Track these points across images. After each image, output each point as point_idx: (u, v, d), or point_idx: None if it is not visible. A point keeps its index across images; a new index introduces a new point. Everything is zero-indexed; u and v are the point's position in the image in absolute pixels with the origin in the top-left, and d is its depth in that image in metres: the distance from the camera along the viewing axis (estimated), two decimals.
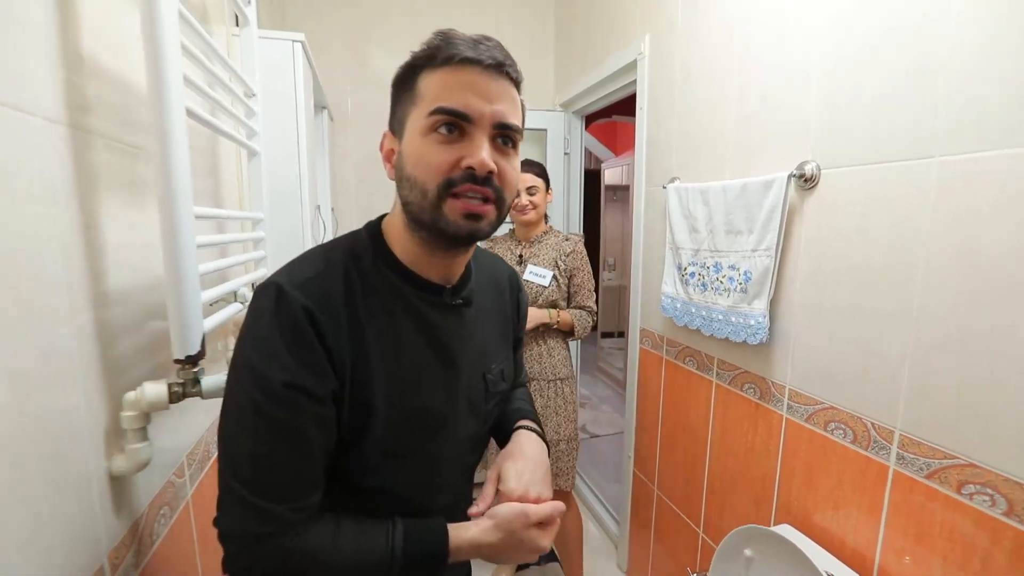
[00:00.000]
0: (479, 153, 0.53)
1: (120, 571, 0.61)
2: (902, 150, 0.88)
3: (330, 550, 0.54)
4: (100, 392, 0.60)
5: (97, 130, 0.62)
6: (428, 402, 0.62)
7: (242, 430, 0.52)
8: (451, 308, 0.64)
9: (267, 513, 0.51)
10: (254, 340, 0.53)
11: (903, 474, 0.91)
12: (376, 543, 0.56)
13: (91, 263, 0.60)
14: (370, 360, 0.56)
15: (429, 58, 0.55)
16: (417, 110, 0.55)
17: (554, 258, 1.70)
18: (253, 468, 0.52)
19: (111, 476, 0.60)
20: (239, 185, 1.24)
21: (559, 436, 1.69)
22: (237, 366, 0.53)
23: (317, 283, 0.55)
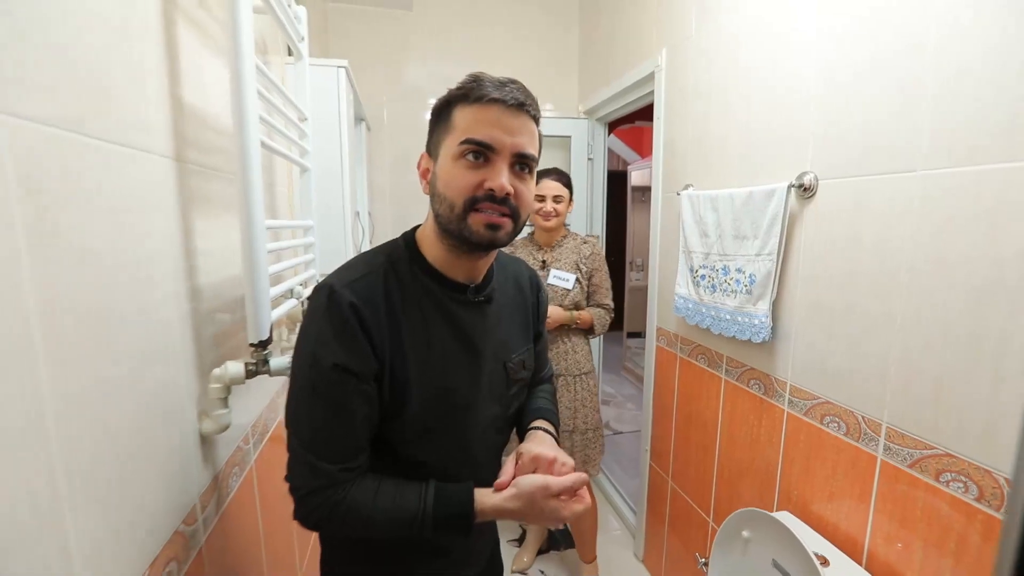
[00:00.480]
0: (499, 178, 0.64)
1: (206, 512, 0.77)
2: (889, 163, 0.96)
3: (370, 506, 0.66)
4: (194, 368, 0.75)
5: (190, 159, 0.78)
6: (453, 384, 0.72)
7: (302, 404, 0.65)
8: (474, 304, 0.74)
9: (320, 470, 0.64)
10: (311, 331, 0.64)
11: (889, 464, 0.98)
12: (409, 502, 0.67)
13: (188, 263, 0.75)
14: (405, 348, 0.67)
15: (463, 96, 0.66)
16: (450, 138, 0.66)
17: (575, 261, 1.80)
18: (311, 434, 0.65)
19: (201, 436, 0.76)
20: (289, 196, 1.40)
21: (587, 425, 1.81)
22: (298, 353, 0.65)
23: (362, 284, 0.66)
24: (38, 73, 0.46)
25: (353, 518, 0.65)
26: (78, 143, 0.51)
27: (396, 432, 0.69)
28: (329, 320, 0.63)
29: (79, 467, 0.49)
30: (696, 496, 1.67)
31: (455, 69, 2.53)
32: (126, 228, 0.59)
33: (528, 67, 2.60)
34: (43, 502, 0.44)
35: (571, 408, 1.80)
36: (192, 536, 0.71)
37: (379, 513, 0.66)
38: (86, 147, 0.52)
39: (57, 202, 0.47)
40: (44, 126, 0.46)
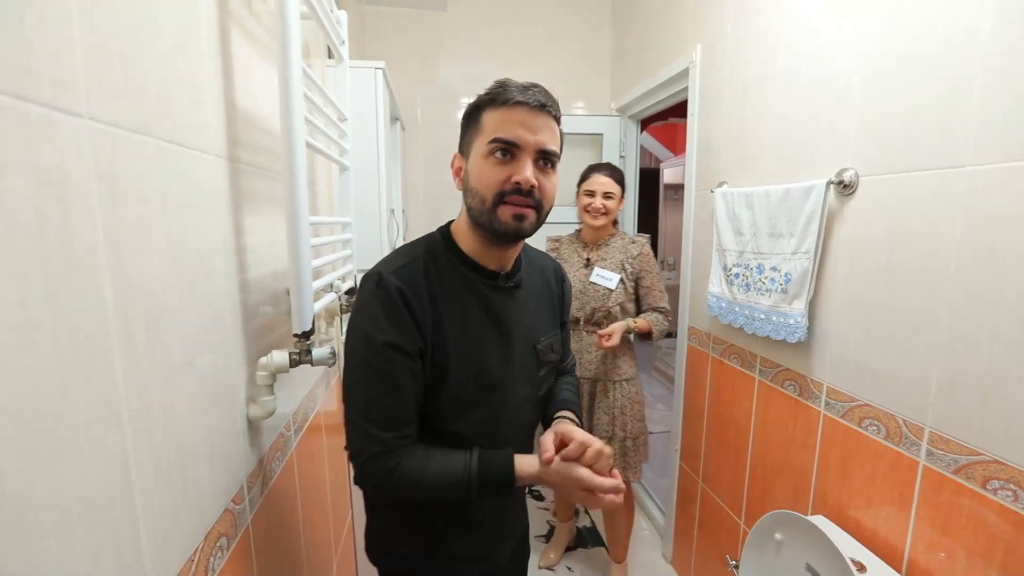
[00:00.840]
0: (524, 172, 0.70)
1: (252, 492, 0.81)
2: (934, 159, 0.93)
3: (420, 470, 0.73)
4: (243, 355, 0.79)
5: (241, 159, 0.82)
6: (488, 364, 0.78)
7: (358, 380, 0.72)
8: (505, 289, 0.81)
9: (376, 437, 0.71)
10: (363, 314, 0.72)
11: (932, 469, 0.95)
12: (456, 466, 0.74)
13: (238, 257, 0.79)
14: (445, 328, 0.74)
15: (491, 100, 0.72)
16: (480, 139, 0.73)
17: (620, 260, 1.72)
18: (366, 405, 0.72)
19: (248, 420, 0.80)
20: (329, 194, 1.46)
21: (625, 434, 1.74)
22: (352, 335, 0.72)
23: (406, 271, 0.74)
24: (112, 81, 0.50)
25: (406, 481, 0.73)
26: (146, 144, 0.55)
27: (436, 408, 0.76)
28: (380, 303, 0.71)
29: (147, 447, 0.53)
30: (727, 498, 1.64)
31: (488, 68, 2.56)
32: (186, 224, 0.63)
33: (560, 65, 2.61)
34: (116, 480, 0.48)
35: (609, 415, 1.74)
36: (240, 514, 0.76)
37: (429, 476, 0.73)
38: (152, 148, 0.56)
39: (128, 199, 0.52)
40: (118, 129, 0.50)
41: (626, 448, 1.75)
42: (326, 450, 1.37)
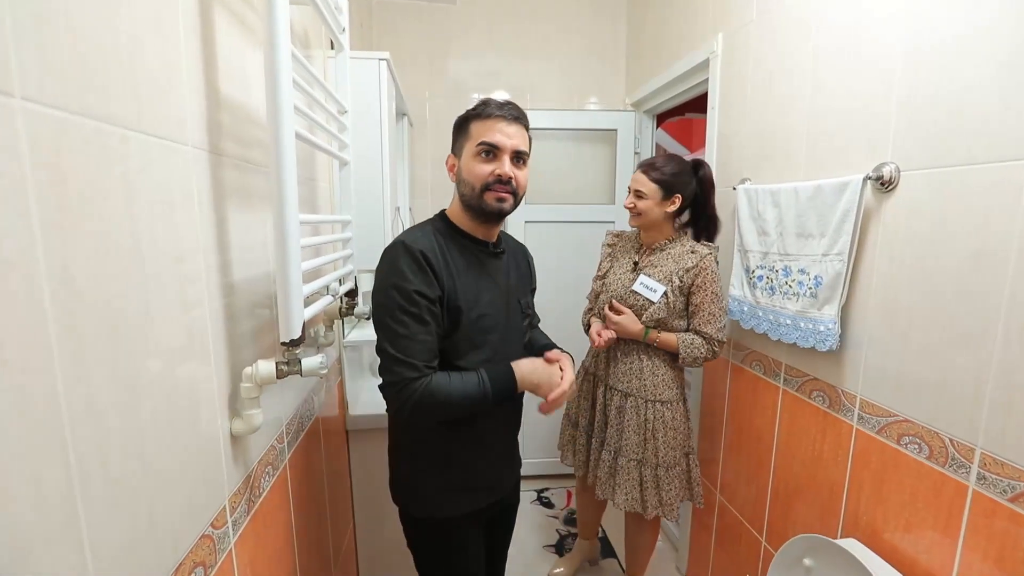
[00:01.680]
0: (504, 167, 0.97)
1: (237, 512, 0.75)
2: (990, 151, 0.83)
3: (448, 386, 0.92)
4: (226, 366, 0.73)
5: (226, 151, 0.76)
6: (486, 310, 1.01)
7: (395, 322, 0.90)
8: (493, 254, 1.07)
9: (412, 365, 0.90)
10: (392, 271, 0.91)
11: (984, 495, 0.86)
12: (473, 382, 0.95)
13: (222, 258, 0.73)
14: (456, 281, 0.96)
15: (477, 114, 0.98)
16: (470, 143, 0.98)
17: (671, 272, 1.47)
18: (405, 342, 0.90)
19: (232, 435, 0.74)
20: (330, 191, 1.39)
21: (658, 460, 1.51)
22: (383, 289, 0.92)
23: (423, 241, 0.95)
24: (59, 57, 0.43)
25: (437, 398, 0.91)
26: (105, 132, 0.49)
27: (452, 345, 0.98)
28: (406, 263, 0.91)
29: (99, 475, 0.47)
30: (747, 512, 1.55)
31: (499, 65, 2.49)
32: (156, 222, 0.57)
33: (574, 60, 2.52)
34: (55, 505, 0.42)
35: (640, 435, 1.51)
36: (221, 539, 0.69)
37: (455, 393, 0.93)
38: (114, 136, 0.50)
39: (79, 194, 0.45)
40: (65, 113, 0.44)
41: (659, 479, 1.51)
42: (326, 459, 1.31)
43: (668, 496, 1.52)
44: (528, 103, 2.50)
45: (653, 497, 1.52)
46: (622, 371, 1.56)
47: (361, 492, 1.64)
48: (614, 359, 1.59)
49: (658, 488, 1.52)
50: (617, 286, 1.56)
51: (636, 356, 1.54)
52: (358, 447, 1.61)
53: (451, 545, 1.09)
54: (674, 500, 1.53)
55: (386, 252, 0.95)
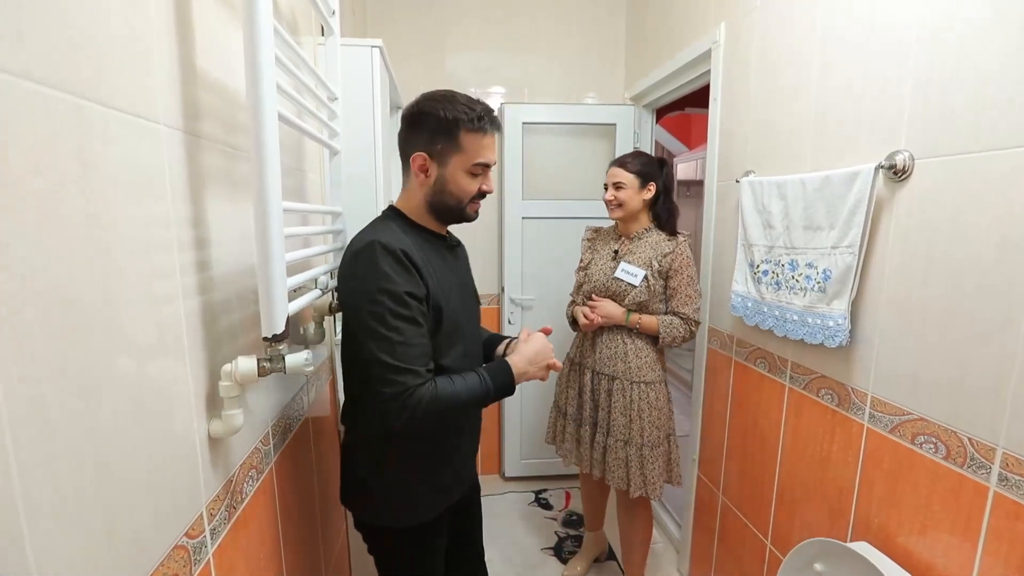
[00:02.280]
0: (490, 182, 1.00)
1: (216, 520, 0.70)
2: (1014, 136, 0.79)
3: (454, 390, 0.89)
4: (203, 364, 0.68)
5: (206, 134, 0.71)
6: (457, 304, 1.00)
7: (389, 329, 0.84)
8: (451, 248, 1.07)
9: (413, 371, 0.85)
10: (374, 274, 0.85)
11: (1006, 497, 0.82)
12: (475, 382, 0.93)
13: (199, 254, 0.68)
14: (433, 279, 0.93)
15: (468, 121, 0.92)
16: (461, 157, 0.94)
17: (649, 257, 1.58)
18: (402, 349, 0.85)
19: (210, 437, 0.69)
20: (321, 182, 1.34)
21: (643, 441, 1.58)
22: (365, 294, 0.85)
23: (397, 238, 0.90)
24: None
25: (445, 403, 0.88)
26: (52, 99, 0.44)
27: (435, 344, 0.94)
28: (389, 264, 0.86)
29: (49, 488, 0.42)
30: (751, 514, 1.51)
31: (496, 59, 2.44)
32: (119, 204, 0.52)
33: (572, 54, 2.48)
34: None
35: (626, 416, 1.60)
36: (197, 549, 0.64)
37: (461, 395, 0.90)
38: (63, 104, 0.45)
39: (22, 165, 0.40)
40: (5, 74, 0.39)
41: (644, 458, 1.59)
42: (316, 461, 1.26)
43: (652, 475, 1.60)
44: (526, 98, 2.46)
45: (638, 477, 1.59)
46: (607, 356, 1.64)
47: None
48: (599, 345, 1.66)
49: (642, 467, 1.60)
50: (599, 275, 1.66)
51: (620, 340, 1.62)
52: None
53: (426, 549, 1.05)
54: (657, 480, 1.61)
55: (359, 254, 0.87)
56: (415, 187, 0.98)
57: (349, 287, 0.89)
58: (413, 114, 0.94)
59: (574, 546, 2.12)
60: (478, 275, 2.53)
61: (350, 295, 0.89)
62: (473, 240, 2.47)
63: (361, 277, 0.86)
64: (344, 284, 0.91)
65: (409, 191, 0.99)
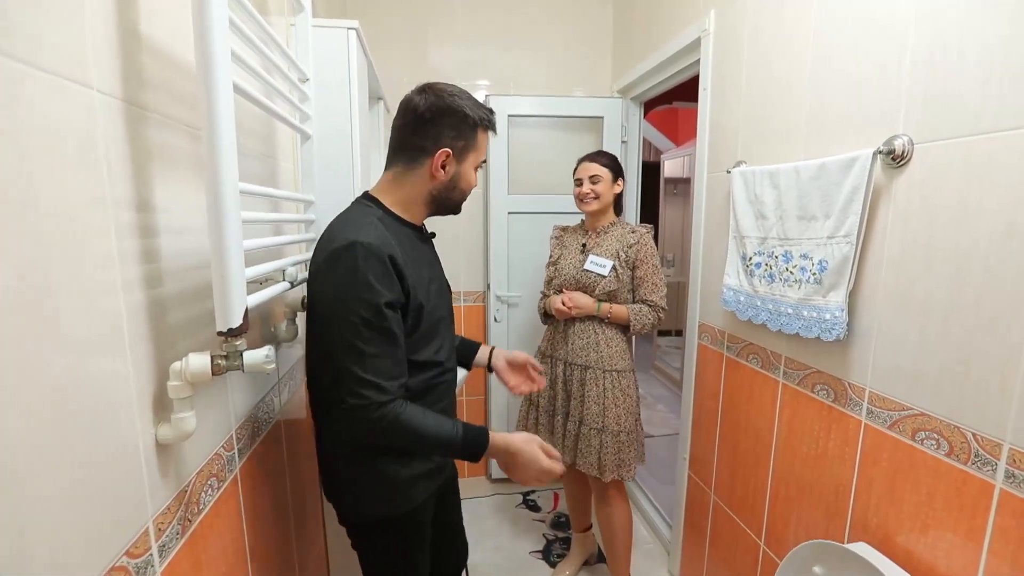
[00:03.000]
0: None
1: (166, 535, 0.63)
2: (1020, 116, 0.75)
3: (420, 421, 0.86)
4: (149, 361, 0.61)
5: (155, 107, 0.64)
6: (435, 298, 0.98)
7: (358, 340, 0.81)
8: (426, 238, 1.05)
9: (383, 387, 0.82)
10: (357, 280, 0.80)
11: (1013, 495, 0.78)
12: (447, 425, 0.89)
13: (146, 241, 0.61)
14: (411, 278, 0.88)
15: (486, 120, 0.96)
16: (474, 155, 0.97)
17: (616, 249, 1.65)
18: (372, 361, 0.81)
19: (158, 443, 0.62)
20: (294, 171, 1.27)
21: (619, 427, 1.63)
22: (345, 298, 0.80)
23: (382, 237, 0.84)
24: None
25: (406, 429, 0.84)
26: None
27: (413, 341, 0.91)
28: (372, 270, 0.81)
29: None
30: (744, 514, 1.47)
31: (482, 52, 2.38)
32: (36, 183, 0.45)
33: (559, 46, 2.42)
34: None
35: (600, 405, 1.63)
36: (141, 570, 0.57)
37: (426, 432, 0.87)
38: None
39: None
40: None
41: (620, 443, 1.63)
42: (290, 465, 1.19)
43: (627, 458, 1.65)
44: (512, 91, 2.40)
45: (612, 461, 1.63)
46: (579, 346, 1.67)
47: None
48: (571, 336, 1.70)
49: (618, 452, 1.64)
50: (569, 268, 1.70)
51: (592, 331, 1.66)
52: None
53: (415, 535, 1.01)
54: (632, 462, 1.67)
55: (338, 254, 0.81)
56: (419, 180, 0.93)
57: (324, 288, 0.83)
58: (436, 108, 0.90)
59: (563, 549, 2.07)
60: (463, 272, 2.49)
61: (325, 296, 0.83)
62: (457, 235, 2.41)
63: (340, 281, 0.81)
64: (318, 283, 0.85)
65: (407, 183, 0.94)
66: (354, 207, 0.95)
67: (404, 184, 0.94)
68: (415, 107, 0.90)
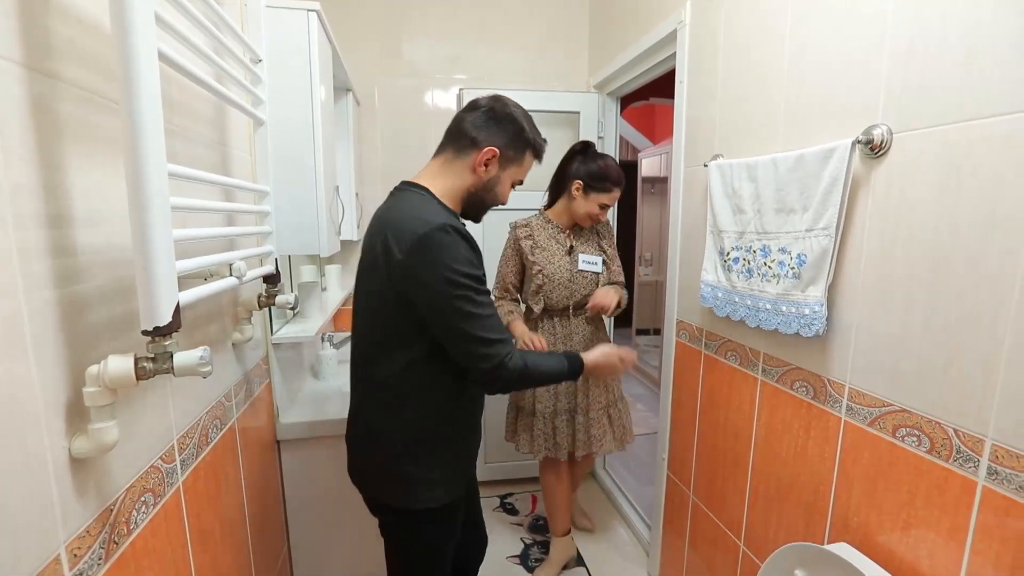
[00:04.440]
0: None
1: (84, 561, 0.56)
2: (1002, 102, 0.73)
3: (538, 359, 1.02)
4: (59, 366, 0.54)
5: (67, 78, 0.57)
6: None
7: (476, 306, 0.91)
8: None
9: (503, 340, 0.95)
10: (459, 257, 0.89)
11: (996, 492, 0.76)
12: (554, 358, 1.08)
13: (55, 233, 0.54)
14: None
15: (538, 148, 1.07)
16: (516, 170, 1.05)
17: (595, 242, 1.74)
18: (488, 322, 0.92)
19: (72, 457, 0.55)
20: (252, 160, 1.19)
21: (617, 396, 1.80)
22: (452, 279, 0.88)
23: (459, 222, 0.97)
24: None
25: (534, 370, 1.00)
26: None
27: None
28: (461, 246, 0.90)
29: None
30: (723, 514, 1.44)
31: (457, 46, 2.32)
32: None
33: (535, 41, 2.38)
34: None
35: (600, 386, 1.76)
36: None
37: (549, 366, 1.05)
38: None
39: None
40: None
41: (620, 411, 1.81)
42: (246, 475, 1.11)
43: (627, 422, 1.82)
44: (488, 86, 2.34)
45: (620, 429, 1.78)
46: (578, 342, 1.71)
47: (297, 509, 1.44)
48: (574, 336, 1.73)
49: (621, 419, 1.79)
50: (561, 272, 1.67)
51: (584, 327, 1.73)
52: (292, 459, 1.41)
53: (453, 524, 1.10)
54: (629, 424, 1.82)
55: (429, 237, 0.88)
56: (461, 172, 1.00)
57: (424, 272, 0.88)
58: (499, 113, 1.00)
59: (541, 553, 2.02)
60: None
61: (427, 279, 0.88)
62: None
63: (439, 261, 0.88)
64: (413, 272, 0.88)
65: (451, 173, 1.00)
66: (411, 196, 0.98)
67: (449, 174, 1.00)
68: (481, 105, 1.00)
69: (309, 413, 1.44)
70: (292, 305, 1.08)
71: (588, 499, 2.41)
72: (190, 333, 0.84)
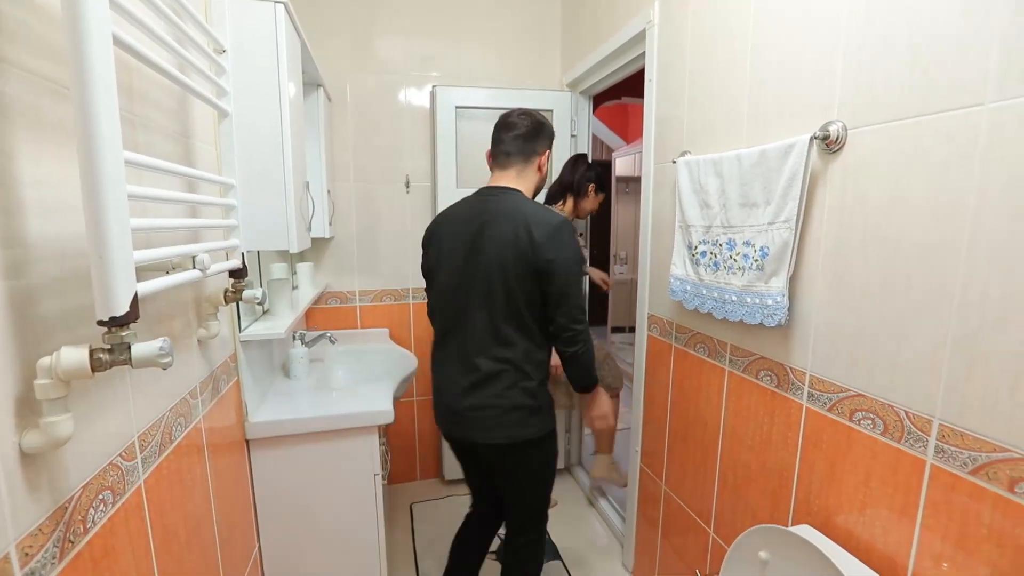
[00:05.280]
0: None
1: (36, 560, 0.54)
2: (946, 99, 0.77)
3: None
4: (9, 358, 0.52)
5: (11, 59, 0.55)
6: None
7: (581, 284, 1.29)
8: None
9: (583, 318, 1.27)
10: (575, 244, 1.25)
11: (943, 469, 0.80)
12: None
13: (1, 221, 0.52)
14: None
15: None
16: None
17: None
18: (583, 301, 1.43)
19: (23, 452, 0.53)
20: (217, 153, 1.17)
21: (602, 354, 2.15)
22: (576, 260, 1.23)
23: None
24: None
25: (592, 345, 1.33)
26: None
27: None
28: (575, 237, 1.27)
29: None
30: (694, 503, 1.48)
31: (431, 44, 2.31)
32: None
33: (508, 39, 2.39)
34: None
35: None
36: None
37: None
38: None
39: None
40: None
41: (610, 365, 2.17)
42: (213, 476, 1.09)
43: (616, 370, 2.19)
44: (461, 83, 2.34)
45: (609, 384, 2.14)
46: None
47: (268, 511, 1.41)
48: None
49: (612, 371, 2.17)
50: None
51: None
52: (263, 458, 1.38)
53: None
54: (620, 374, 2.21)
55: (559, 227, 1.21)
56: (532, 173, 1.32)
57: (563, 252, 1.20)
58: (541, 123, 1.32)
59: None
60: (412, 266, 2.40)
61: (565, 255, 1.20)
62: (404, 229, 2.34)
63: (568, 246, 1.21)
64: (553, 252, 1.18)
65: (527, 176, 1.32)
66: (515, 195, 1.27)
67: (526, 178, 1.31)
68: (527, 123, 1.29)
69: (280, 412, 1.41)
70: (260, 300, 1.06)
71: (563, 492, 2.43)
72: (151, 327, 0.82)
